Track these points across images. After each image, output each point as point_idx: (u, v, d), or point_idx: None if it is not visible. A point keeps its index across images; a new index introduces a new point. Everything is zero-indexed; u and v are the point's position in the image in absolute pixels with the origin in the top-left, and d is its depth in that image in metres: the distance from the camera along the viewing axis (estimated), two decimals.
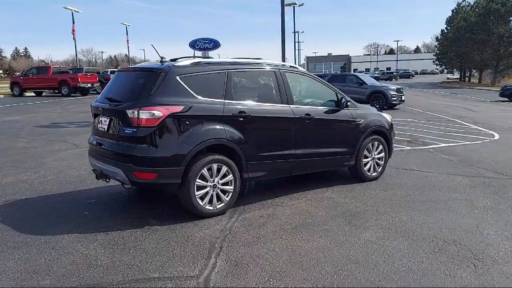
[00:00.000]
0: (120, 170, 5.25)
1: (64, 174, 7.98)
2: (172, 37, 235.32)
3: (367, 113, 7.50)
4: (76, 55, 52.86)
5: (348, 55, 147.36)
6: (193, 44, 24.27)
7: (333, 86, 7.23)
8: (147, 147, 5.15)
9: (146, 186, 6.01)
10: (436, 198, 6.41)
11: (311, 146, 6.60)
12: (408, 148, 10.89)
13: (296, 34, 75.45)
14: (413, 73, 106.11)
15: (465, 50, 62.92)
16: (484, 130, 14.42)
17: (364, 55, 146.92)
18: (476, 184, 7.22)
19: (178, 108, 5.25)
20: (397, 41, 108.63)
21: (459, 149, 10.64)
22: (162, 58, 5.86)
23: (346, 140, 7.09)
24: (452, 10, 72.99)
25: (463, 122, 16.61)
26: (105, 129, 5.65)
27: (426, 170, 8.35)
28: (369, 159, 7.46)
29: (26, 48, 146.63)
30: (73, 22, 46.18)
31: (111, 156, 5.45)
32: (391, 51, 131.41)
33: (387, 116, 7.94)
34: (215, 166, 5.49)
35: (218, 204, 5.61)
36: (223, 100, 5.65)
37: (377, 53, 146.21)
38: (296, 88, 6.91)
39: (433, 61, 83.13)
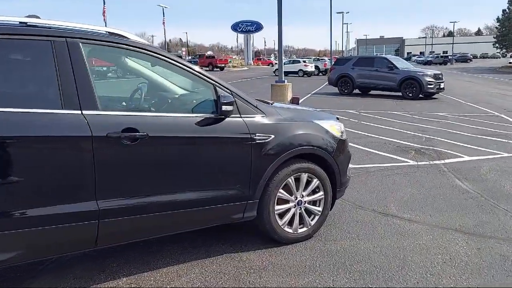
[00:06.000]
0: None
1: None
2: (216, 18, 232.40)
3: (287, 122, 4.06)
4: None
5: (402, 37, 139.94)
6: (235, 27, 21.82)
7: (209, 75, 3.73)
8: None
9: None
10: None
11: (145, 191, 3.31)
12: (411, 163, 7.32)
13: (341, 14, 71.12)
14: (471, 57, 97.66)
15: None
16: None
17: (419, 38, 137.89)
18: (487, 266, 3.72)
19: None
20: (454, 22, 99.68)
21: (487, 167, 6.95)
22: None
23: (234, 174, 3.73)
24: None
25: (509, 119, 12.58)
26: None
27: (410, 216, 4.86)
28: (291, 204, 4.09)
29: None
30: (104, 3, 44.48)
31: None
32: (450, 34, 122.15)
33: (333, 125, 4.45)
34: None
35: None
36: None
37: (433, 36, 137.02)
38: (121, 77, 3.61)
39: (493, 44, 75.93)
